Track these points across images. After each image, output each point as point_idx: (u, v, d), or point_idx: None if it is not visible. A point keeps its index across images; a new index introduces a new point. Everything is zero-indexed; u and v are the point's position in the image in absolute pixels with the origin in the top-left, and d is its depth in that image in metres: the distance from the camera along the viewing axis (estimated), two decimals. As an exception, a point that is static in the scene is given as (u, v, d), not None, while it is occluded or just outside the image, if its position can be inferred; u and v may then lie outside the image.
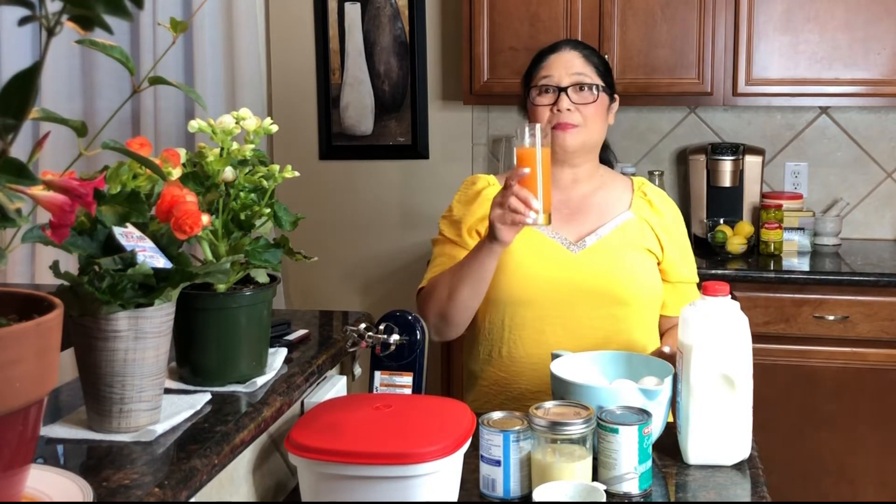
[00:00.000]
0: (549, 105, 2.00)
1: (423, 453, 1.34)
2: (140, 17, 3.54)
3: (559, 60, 2.04)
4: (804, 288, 2.97)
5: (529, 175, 1.73)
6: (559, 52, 2.06)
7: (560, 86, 2.00)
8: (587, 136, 2.02)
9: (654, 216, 2.06)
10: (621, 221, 2.03)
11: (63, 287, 1.16)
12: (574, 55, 2.05)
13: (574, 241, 2.01)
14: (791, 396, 2.99)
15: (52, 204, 0.91)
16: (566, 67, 2.02)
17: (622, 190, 2.10)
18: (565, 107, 1.99)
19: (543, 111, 2.01)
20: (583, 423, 1.44)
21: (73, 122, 0.96)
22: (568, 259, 1.97)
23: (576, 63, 2.03)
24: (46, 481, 1.03)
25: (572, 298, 1.95)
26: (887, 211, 3.50)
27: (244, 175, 1.44)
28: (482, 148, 3.72)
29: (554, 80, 2.01)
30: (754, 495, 1.50)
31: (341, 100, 3.76)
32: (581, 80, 2.01)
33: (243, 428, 1.30)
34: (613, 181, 2.12)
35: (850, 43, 3.15)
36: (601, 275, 1.96)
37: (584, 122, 2.00)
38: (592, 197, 2.07)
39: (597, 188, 2.08)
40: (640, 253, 2.01)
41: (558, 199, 2.04)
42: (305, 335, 1.72)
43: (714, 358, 1.54)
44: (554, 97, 2.00)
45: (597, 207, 2.06)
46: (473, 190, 2.08)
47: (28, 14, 0.78)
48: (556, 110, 2.00)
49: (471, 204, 2.06)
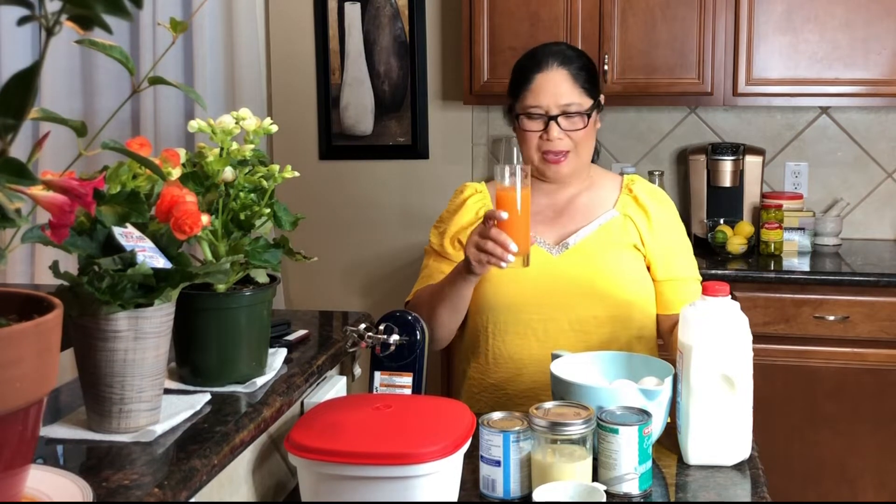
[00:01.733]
0: (539, 131, 1.99)
1: (423, 453, 1.34)
2: (140, 17, 3.54)
3: (547, 83, 1.98)
4: (804, 288, 2.97)
5: (509, 218, 1.73)
6: (546, 72, 1.98)
7: (549, 114, 1.97)
8: (577, 160, 2.01)
9: (637, 212, 2.03)
10: (605, 220, 2.02)
11: (63, 287, 1.16)
12: (562, 76, 1.98)
13: (554, 243, 2.00)
14: (791, 396, 2.99)
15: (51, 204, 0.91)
16: (555, 95, 1.97)
17: (610, 189, 2.08)
18: (555, 136, 1.97)
19: (532, 137, 1.99)
20: (583, 424, 1.44)
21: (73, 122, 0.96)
22: (548, 262, 1.97)
23: (564, 88, 1.97)
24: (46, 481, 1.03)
25: (555, 300, 1.95)
26: (887, 211, 3.50)
27: (244, 175, 1.44)
28: (482, 148, 3.72)
29: (542, 109, 1.97)
30: (754, 495, 1.50)
31: (341, 100, 3.76)
32: (570, 109, 1.97)
33: (243, 428, 1.30)
34: (602, 180, 2.10)
35: (850, 43, 3.15)
36: (581, 276, 1.96)
37: (574, 147, 1.99)
38: (579, 198, 2.06)
39: (584, 189, 2.07)
40: (624, 250, 1.99)
41: (544, 203, 2.04)
42: (305, 335, 1.71)
43: (714, 358, 1.54)
44: (543, 124, 1.98)
45: (582, 208, 2.05)
46: (460, 199, 2.09)
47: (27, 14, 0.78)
48: (545, 138, 1.98)
49: (456, 213, 2.06)
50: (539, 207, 2.02)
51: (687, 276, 2.04)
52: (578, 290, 1.95)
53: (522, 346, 1.95)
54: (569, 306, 1.95)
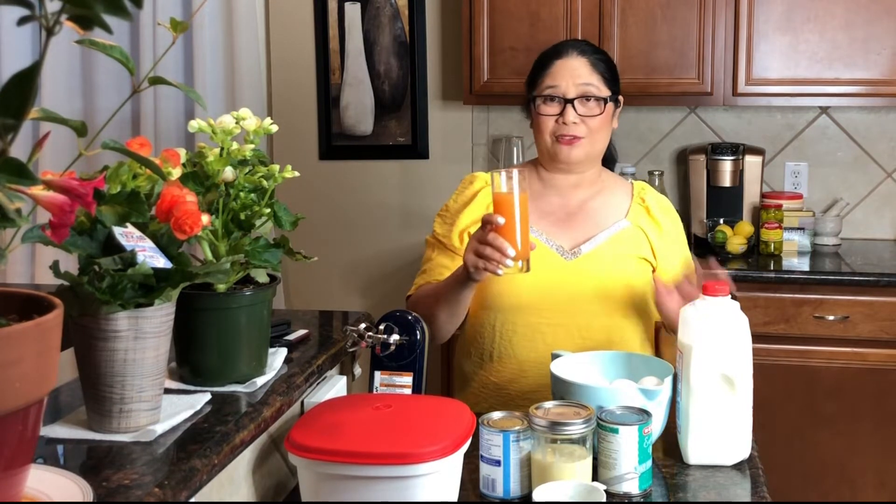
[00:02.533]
0: (555, 115, 1.98)
1: (423, 453, 1.34)
2: (140, 17, 3.54)
3: (565, 68, 2.00)
4: (804, 288, 2.97)
5: (507, 223, 1.71)
6: (565, 58, 2.01)
7: (566, 97, 1.97)
8: (591, 147, 2.00)
9: (650, 225, 2.04)
10: (617, 230, 2.02)
11: (63, 287, 1.16)
12: (581, 62, 2.00)
13: (569, 248, 2.00)
14: (791, 396, 2.99)
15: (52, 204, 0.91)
16: (572, 77, 1.98)
17: (622, 196, 2.09)
18: (571, 119, 1.96)
19: (548, 121, 1.99)
20: (583, 423, 1.44)
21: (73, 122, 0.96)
22: (562, 266, 1.97)
23: (582, 72, 1.99)
24: (46, 481, 1.03)
25: (564, 306, 1.95)
26: (887, 211, 3.50)
27: (244, 175, 1.44)
28: (482, 148, 3.72)
29: (560, 91, 1.98)
30: (754, 495, 1.50)
31: (341, 100, 3.76)
32: (588, 91, 1.98)
33: (243, 428, 1.30)
34: (614, 186, 2.11)
35: (850, 43, 3.15)
36: (594, 284, 1.96)
37: (588, 134, 1.98)
38: (591, 202, 2.06)
39: (596, 193, 2.07)
40: (634, 262, 2.01)
41: (556, 203, 2.03)
42: (305, 335, 1.71)
43: (714, 358, 1.54)
44: (559, 107, 1.98)
45: (594, 213, 2.04)
46: (471, 190, 2.07)
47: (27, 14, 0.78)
48: (561, 122, 1.98)
49: (466, 205, 2.05)
50: (552, 207, 2.03)
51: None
52: (588, 297, 1.95)
53: (529, 347, 1.95)
54: (577, 312, 1.95)
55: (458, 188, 2.10)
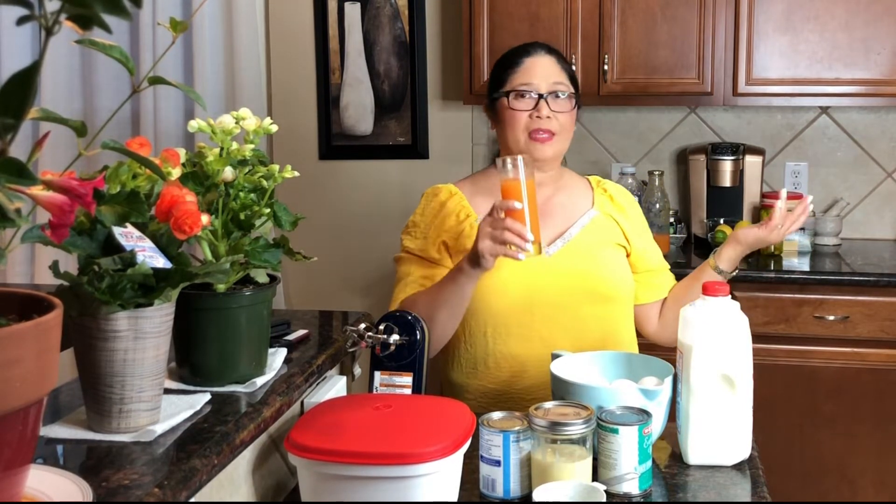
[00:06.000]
0: (528, 111, 2.00)
1: (423, 453, 1.34)
2: (140, 16, 3.54)
3: (537, 65, 2.03)
4: (804, 288, 2.97)
5: (520, 208, 1.74)
6: (535, 56, 2.04)
7: (540, 92, 2.00)
8: (561, 144, 2.04)
9: (616, 210, 2.09)
10: (588, 220, 2.06)
11: (63, 287, 1.16)
12: (550, 61, 2.04)
13: (546, 245, 2.00)
14: (791, 396, 2.99)
15: (51, 204, 0.91)
16: (545, 75, 2.01)
17: (583, 189, 2.12)
18: (545, 114, 1.98)
19: (521, 116, 2.00)
20: (583, 424, 1.44)
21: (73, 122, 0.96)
22: (542, 263, 1.97)
23: (553, 70, 2.03)
24: (46, 481, 1.03)
25: (554, 301, 1.95)
26: (887, 211, 3.50)
27: (244, 175, 1.44)
28: (482, 148, 3.72)
29: (534, 87, 2.00)
30: (754, 495, 1.50)
31: (341, 100, 3.76)
32: (559, 88, 2.01)
33: (243, 428, 1.30)
34: (572, 181, 2.14)
35: (850, 43, 3.15)
36: (579, 274, 1.97)
37: (561, 130, 2.01)
38: (555, 198, 2.07)
39: (558, 189, 2.09)
40: (611, 248, 2.04)
41: None
42: (305, 335, 1.72)
43: (714, 358, 1.54)
44: (532, 103, 2.00)
45: (561, 209, 2.06)
46: (437, 202, 2.07)
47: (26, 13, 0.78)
48: (535, 116, 1.99)
49: (436, 217, 2.04)
50: None
51: (663, 266, 2.13)
52: (579, 288, 1.96)
53: (526, 347, 1.95)
54: (568, 305, 1.95)
55: (422, 203, 2.10)
